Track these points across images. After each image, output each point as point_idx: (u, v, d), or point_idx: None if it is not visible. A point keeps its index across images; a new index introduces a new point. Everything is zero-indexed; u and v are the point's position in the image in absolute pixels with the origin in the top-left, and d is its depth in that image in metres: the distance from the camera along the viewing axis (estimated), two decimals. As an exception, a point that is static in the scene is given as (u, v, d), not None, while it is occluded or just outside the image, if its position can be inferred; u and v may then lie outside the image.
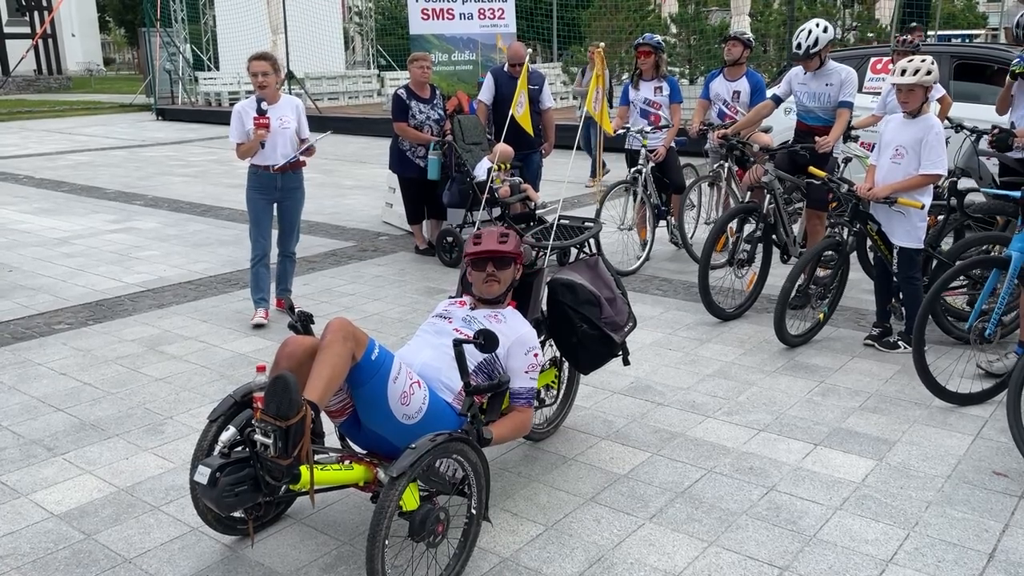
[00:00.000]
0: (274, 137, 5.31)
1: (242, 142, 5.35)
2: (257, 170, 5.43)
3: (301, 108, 5.54)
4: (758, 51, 15.62)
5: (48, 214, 9.46)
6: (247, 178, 5.52)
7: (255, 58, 5.27)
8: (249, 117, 5.27)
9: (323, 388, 2.65)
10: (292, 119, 5.41)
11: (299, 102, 5.60)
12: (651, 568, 2.94)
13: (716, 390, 4.46)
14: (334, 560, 3.01)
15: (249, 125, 5.28)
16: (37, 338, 5.34)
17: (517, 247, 3.37)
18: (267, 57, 5.30)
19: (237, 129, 5.35)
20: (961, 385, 4.32)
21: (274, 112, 5.30)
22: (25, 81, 34.34)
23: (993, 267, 4.32)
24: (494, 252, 3.31)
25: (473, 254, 3.31)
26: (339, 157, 14.33)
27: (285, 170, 5.45)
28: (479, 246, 3.30)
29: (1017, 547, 3.03)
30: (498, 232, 3.35)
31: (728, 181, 6.80)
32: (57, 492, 3.47)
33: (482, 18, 9.72)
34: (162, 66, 23.15)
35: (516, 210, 6.72)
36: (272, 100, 5.34)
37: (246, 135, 5.32)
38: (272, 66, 5.27)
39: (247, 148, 5.33)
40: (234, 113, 5.38)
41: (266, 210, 5.56)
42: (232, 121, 5.38)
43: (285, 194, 5.54)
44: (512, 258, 3.37)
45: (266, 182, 5.45)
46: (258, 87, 5.27)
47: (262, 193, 5.50)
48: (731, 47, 6.83)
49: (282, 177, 5.46)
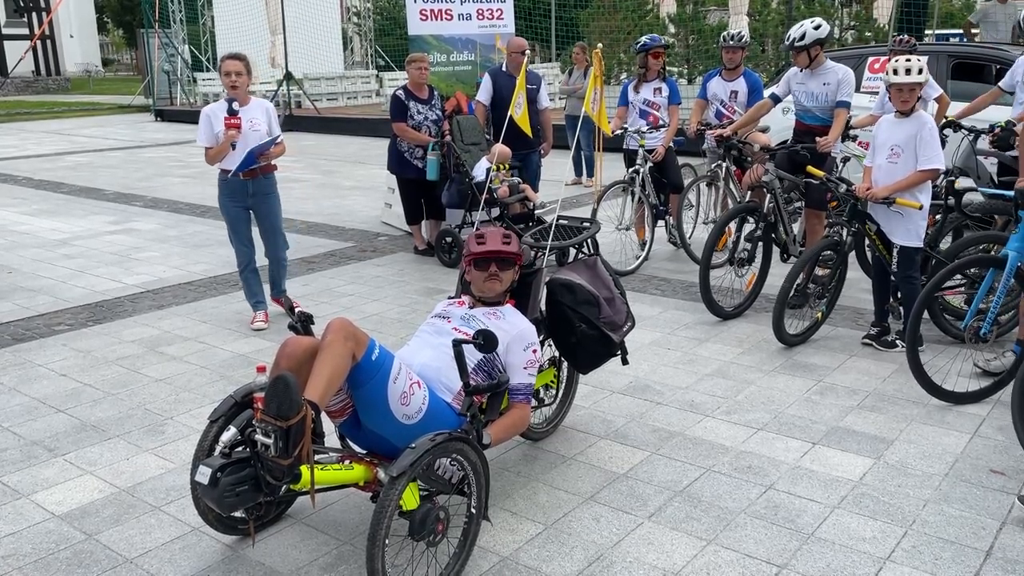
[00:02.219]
0: (244, 139, 5.15)
1: (211, 146, 5.21)
2: (227, 176, 5.28)
3: (272, 111, 5.42)
4: (756, 51, 15.62)
5: (47, 215, 9.46)
6: (217, 185, 5.38)
7: (229, 57, 5.18)
8: (219, 119, 5.14)
9: (323, 388, 2.66)
10: (263, 122, 5.28)
11: (270, 105, 5.49)
12: (650, 566, 2.95)
13: (715, 389, 4.48)
14: (334, 559, 3.02)
15: (219, 127, 5.15)
16: (37, 339, 5.35)
17: (519, 249, 3.40)
18: (240, 57, 5.21)
19: (206, 133, 5.21)
20: (958, 384, 4.33)
21: (244, 114, 5.17)
22: (24, 82, 34.32)
23: (990, 266, 4.34)
24: (499, 253, 3.33)
25: (477, 254, 3.32)
26: (338, 158, 14.34)
27: (255, 175, 5.31)
28: (484, 246, 3.31)
29: (1014, 545, 3.05)
30: (501, 233, 3.38)
31: (726, 181, 6.82)
32: (58, 493, 3.48)
33: (480, 18, 9.73)
34: (161, 67, 23.14)
35: (515, 210, 6.74)
36: (243, 102, 5.22)
37: (215, 138, 5.19)
38: (244, 66, 5.18)
39: (217, 151, 5.18)
40: (202, 116, 5.23)
41: (241, 216, 5.42)
42: (200, 124, 5.23)
43: (258, 200, 5.39)
44: (514, 259, 3.40)
45: (236, 188, 5.31)
46: (230, 87, 5.14)
47: (233, 200, 5.36)
48: (731, 55, 6.83)
49: (253, 182, 5.32)
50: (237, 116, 5.09)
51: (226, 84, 5.15)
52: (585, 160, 11.32)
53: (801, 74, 5.94)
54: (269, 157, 5.34)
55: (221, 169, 5.31)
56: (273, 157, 5.38)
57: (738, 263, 5.71)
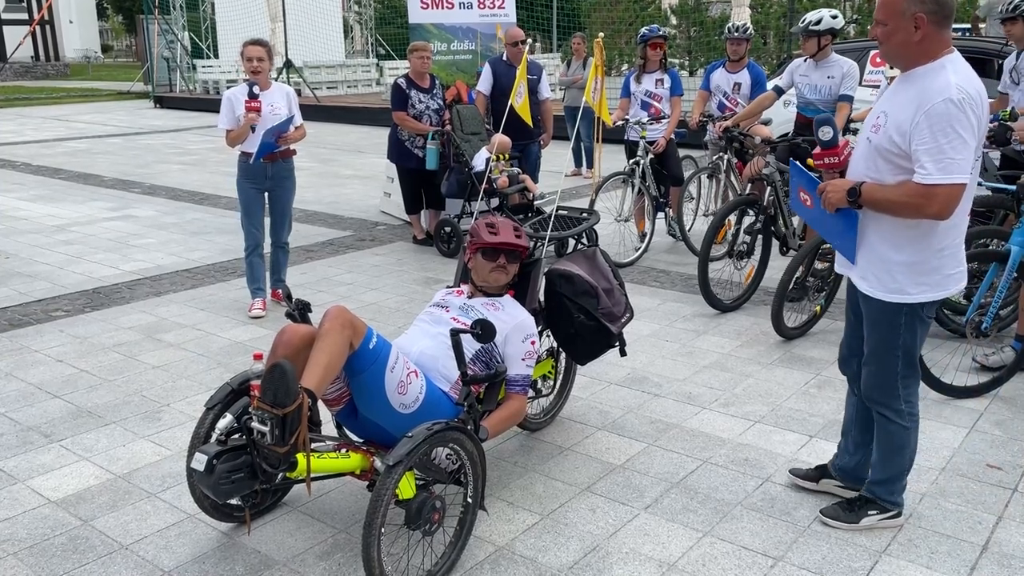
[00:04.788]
0: (264, 123, 5.25)
1: (231, 128, 5.32)
2: (247, 158, 5.40)
3: (293, 96, 5.51)
4: (758, 43, 15.57)
5: (45, 201, 9.44)
6: (237, 166, 5.49)
7: (251, 43, 5.29)
8: (240, 103, 5.24)
9: (320, 376, 2.65)
10: (283, 107, 5.38)
11: (291, 90, 5.58)
12: (646, 558, 2.95)
13: (712, 381, 4.47)
14: (330, 548, 3.02)
15: (240, 111, 5.25)
16: (34, 325, 5.34)
17: (528, 242, 3.41)
18: (263, 43, 5.33)
19: (227, 115, 5.32)
20: (956, 378, 4.33)
21: (265, 98, 5.27)
22: (22, 68, 34.20)
23: (992, 261, 4.33)
24: (510, 245, 3.32)
25: (490, 244, 3.31)
26: (338, 146, 14.31)
27: (275, 159, 5.41)
28: (496, 236, 3.30)
29: (1010, 539, 3.05)
30: (512, 225, 3.39)
31: (727, 173, 6.80)
32: (54, 478, 3.48)
33: (482, 7, 9.67)
34: (160, 54, 23.06)
35: (514, 201, 6.72)
36: (264, 87, 5.32)
37: (236, 121, 5.30)
38: (267, 52, 5.30)
39: (237, 134, 5.30)
40: (224, 99, 5.36)
41: (257, 199, 5.52)
42: (222, 107, 5.35)
43: (276, 183, 5.51)
44: (522, 253, 3.41)
45: (256, 170, 5.42)
46: (251, 72, 5.25)
47: (252, 182, 5.47)
48: (736, 47, 6.81)
49: (272, 166, 5.43)
50: (258, 100, 5.19)
51: (247, 69, 5.27)
52: (585, 151, 11.30)
53: (805, 66, 5.92)
54: (288, 141, 5.42)
55: (242, 152, 5.41)
56: (292, 141, 5.47)
57: (737, 256, 5.70)
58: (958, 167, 2.56)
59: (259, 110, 5.19)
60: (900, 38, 2.66)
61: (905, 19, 2.62)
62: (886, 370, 2.93)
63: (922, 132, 2.59)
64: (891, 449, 3.01)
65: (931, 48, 2.66)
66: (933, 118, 2.56)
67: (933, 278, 2.78)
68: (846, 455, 3.29)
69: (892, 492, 3.07)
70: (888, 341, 2.89)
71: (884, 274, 2.82)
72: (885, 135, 2.70)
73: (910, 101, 2.65)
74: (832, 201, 2.83)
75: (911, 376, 2.94)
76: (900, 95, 2.73)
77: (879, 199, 2.72)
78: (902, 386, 2.94)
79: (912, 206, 2.64)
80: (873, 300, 2.88)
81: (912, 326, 2.86)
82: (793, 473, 3.42)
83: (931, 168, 2.57)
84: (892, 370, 2.92)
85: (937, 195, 2.58)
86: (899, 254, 2.78)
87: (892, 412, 2.96)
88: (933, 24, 2.62)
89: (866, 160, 2.81)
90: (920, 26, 2.62)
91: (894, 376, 2.92)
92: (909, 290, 2.80)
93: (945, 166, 2.56)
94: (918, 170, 2.61)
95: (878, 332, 2.92)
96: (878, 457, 3.07)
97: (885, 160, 2.73)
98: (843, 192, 2.79)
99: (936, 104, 2.57)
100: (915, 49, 2.67)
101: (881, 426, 3.01)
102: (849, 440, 3.27)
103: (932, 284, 2.79)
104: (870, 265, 2.86)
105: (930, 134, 2.57)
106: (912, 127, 2.61)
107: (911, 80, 2.71)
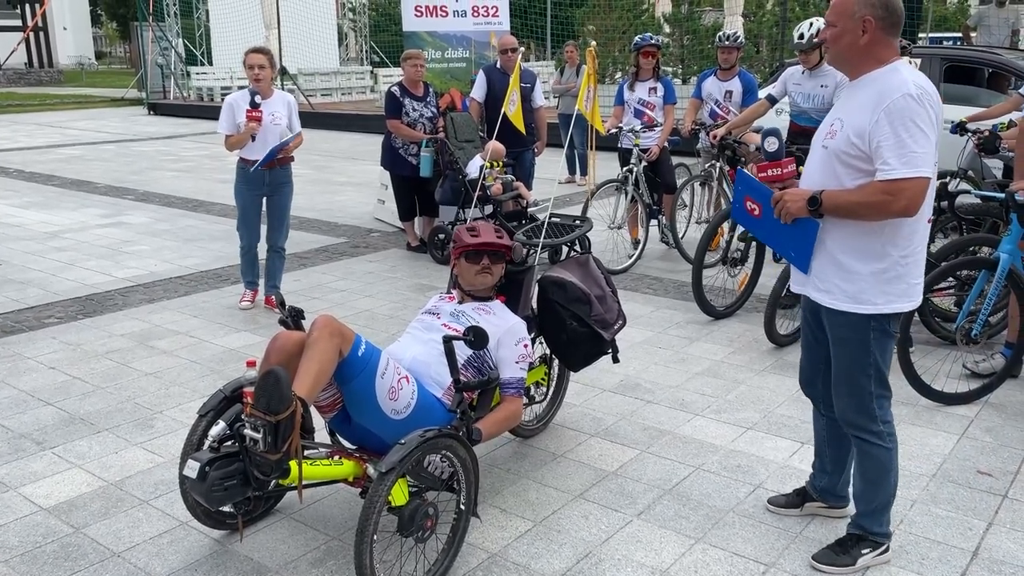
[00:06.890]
0: (264, 132, 5.33)
1: (231, 134, 5.37)
2: (245, 164, 5.44)
3: (293, 104, 5.58)
4: (750, 51, 15.64)
5: (38, 208, 9.42)
6: (236, 172, 5.54)
7: (253, 51, 5.35)
8: (241, 110, 5.30)
9: (311, 383, 2.66)
10: (284, 115, 5.45)
11: (291, 98, 5.64)
12: (638, 564, 2.96)
13: (705, 388, 4.49)
14: (323, 555, 3.02)
15: (240, 118, 5.31)
16: (27, 332, 5.32)
17: (509, 241, 3.43)
18: (265, 51, 5.40)
19: (227, 120, 5.38)
20: (947, 385, 4.35)
21: (266, 107, 5.34)
22: (16, 74, 34.17)
23: (982, 268, 4.35)
24: (491, 245, 3.34)
25: (471, 246, 3.33)
26: (331, 153, 14.31)
27: (273, 166, 5.45)
28: (477, 238, 3.33)
29: (1000, 545, 3.06)
30: (492, 226, 3.42)
31: (719, 181, 6.83)
32: (46, 486, 3.47)
33: (476, 15, 9.71)
34: (154, 60, 23.04)
35: (508, 208, 6.73)
36: (266, 94, 5.37)
37: (236, 127, 5.35)
38: (269, 60, 5.36)
39: (236, 140, 5.36)
40: (225, 104, 5.41)
41: (254, 204, 5.59)
42: (223, 112, 5.40)
43: (274, 188, 5.56)
44: (505, 252, 3.42)
45: (255, 177, 5.46)
46: (254, 80, 5.32)
47: (250, 187, 5.52)
48: (727, 55, 6.84)
49: (270, 172, 5.48)
50: (259, 109, 5.26)
51: (250, 77, 5.33)
52: (579, 158, 11.32)
53: (799, 75, 5.95)
54: (288, 150, 5.49)
55: (241, 158, 5.46)
56: (291, 149, 5.52)
57: (731, 263, 5.72)
58: (922, 160, 2.51)
59: (260, 120, 5.25)
60: (848, 40, 2.63)
61: (854, 21, 2.60)
62: (859, 392, 2.83)
63: (883, 129, 2.53)
64: (877, 474, 2.89)
65: (880, 53, 2.63)
66: (893, 113, 2.52)
67: (899, 287, 2.70)
68: (823, 476, 3.21)
69: (881, 523, 2.95)
70: (859, 360, 2.80)
71: (848, 285, 2.72)
72: (843, 138, 2.64)
73: (867, 101, 2.59)
74: (791, 211, 2.71)
75: (884, 395, 2.85)
76: (853, 100, 2.67)
77: (842, 204, 2.63)
78: (877, 406, 2.84)
79: (877, 205, 2.56)
80: (839, 314, 2.77)
81: (882, 341, 2.77)
82: (772, 503, 3.30)
83: (895, 163, 2.51)
84: (866, 391, 2.82)
85: (903, 190, 2.51)
86: (863, 263, 2.69)
87: (872, 435, 2.86)
88: (881, 30, 2.60)
89: (823, 168, 2.73)
90: (867, 30, 2.59)
91: (869, 397, 2.83)
92: (875, 300, 2.70)
93: (909, 160, 2.50)
94: (881, 167, 2.54)
95: (847, 351, 2.81)
96: (862, 488, 2.94)
97: (844, 165, 2.65)
98: (803, 201, 2.68)
99: (895, 100, 2.52)
100: (862, 53, 2.63)
101: (863, 451, 2.91)
102: (825, 460, 3.18)
103: (898, 294, 2.70)
104: (832, 277, 2.76)
105: (891, 129, 2.52)
106: (872, 125, 2.55)
107: (863, 84, 2.66)
